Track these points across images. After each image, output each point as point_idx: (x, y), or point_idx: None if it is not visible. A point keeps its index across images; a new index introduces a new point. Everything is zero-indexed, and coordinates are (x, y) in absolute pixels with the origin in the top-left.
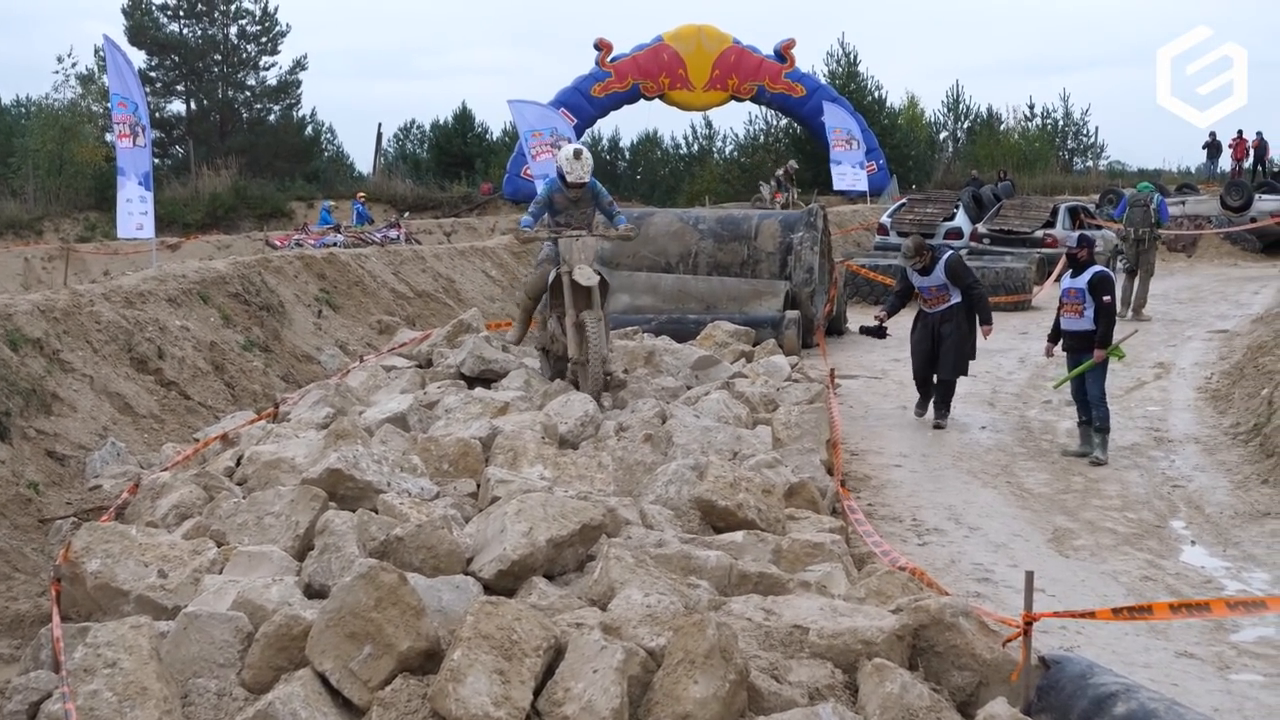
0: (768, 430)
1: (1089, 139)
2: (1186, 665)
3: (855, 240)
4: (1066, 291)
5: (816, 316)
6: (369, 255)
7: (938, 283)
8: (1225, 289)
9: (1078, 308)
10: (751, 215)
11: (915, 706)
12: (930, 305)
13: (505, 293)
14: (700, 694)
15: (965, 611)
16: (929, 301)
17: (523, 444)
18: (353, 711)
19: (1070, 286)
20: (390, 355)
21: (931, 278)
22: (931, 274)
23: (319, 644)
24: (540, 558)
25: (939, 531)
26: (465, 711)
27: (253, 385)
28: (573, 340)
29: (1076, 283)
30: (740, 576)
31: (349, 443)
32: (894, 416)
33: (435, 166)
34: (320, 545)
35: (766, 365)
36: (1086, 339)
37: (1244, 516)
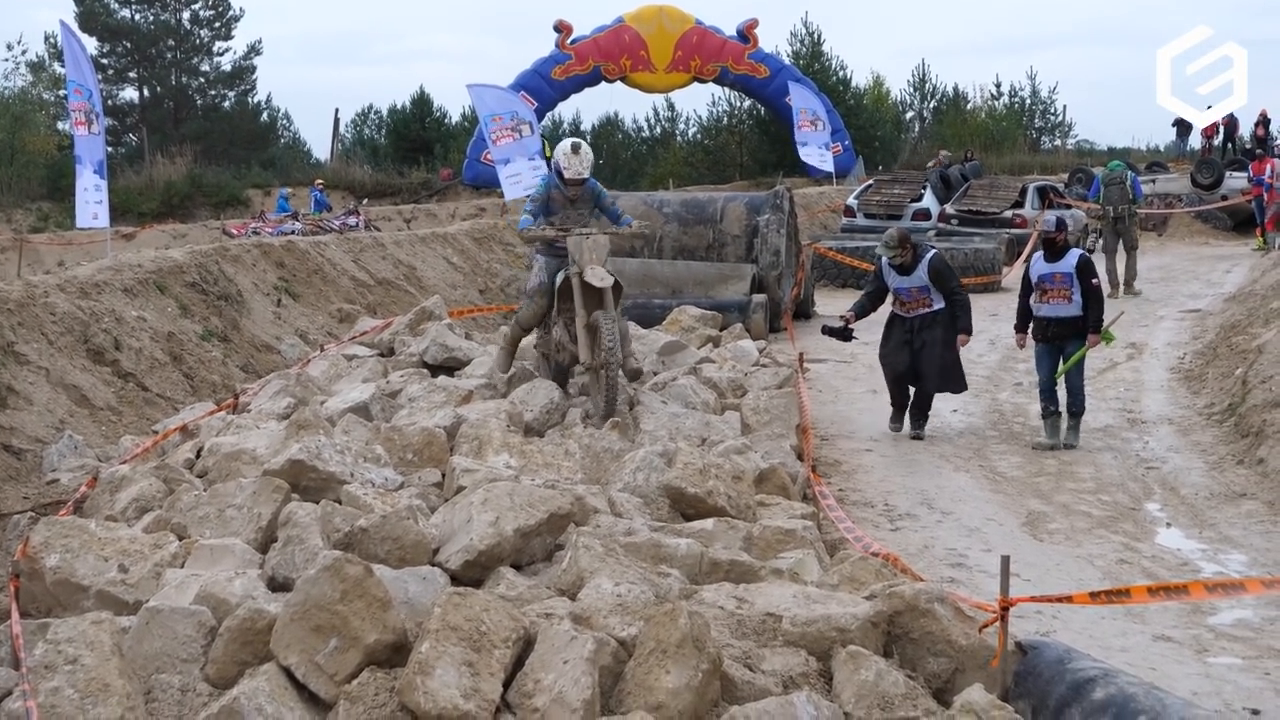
0: (736, 416)
1: (1057, 117)
2: (1164, 649)
3: (822, 223)
4: (1050, 277)
5: (784, 300)
6: (328, 243)
7: (919, 284)
8: (1197, 268)
9: (1065, 293)
10: (716, 198)
11: (891, 694)
12: (908, 309)
13: (467, 279)
14: (673, 684)
15: (940, 597)
16: (907, 305)
17: (488, 432)
18: (319, 706)
19: (1053, 271)
20: (351, 344)
21: (912, 278)
22: (912, 274)
23: (284, 638)
24: (508, 547)
25: (912, 516)
26: (434, 704)
27: (212, 376)
28: (584, 344)
29: (1059, 267)
30: (711, 564)
31: (311, 433)
32: (864, 400)
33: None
34: (283, 537)
35: (734, 350)
36: (1075, 325)
37: (1219, 498)
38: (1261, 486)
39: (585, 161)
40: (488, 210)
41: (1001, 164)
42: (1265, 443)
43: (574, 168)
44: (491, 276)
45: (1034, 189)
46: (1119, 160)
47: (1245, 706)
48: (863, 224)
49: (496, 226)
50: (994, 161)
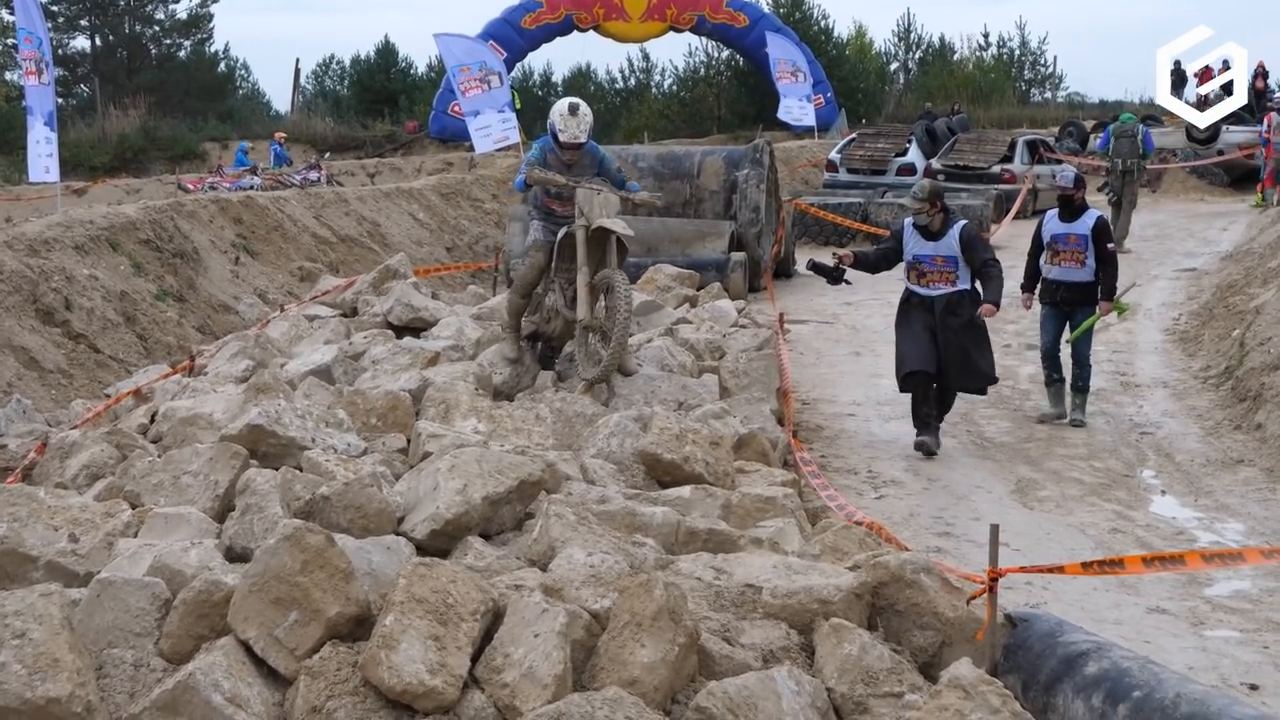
0: (714, 379)
1: (1047, 69)
2: (1159, 621)
3: (803, 178)
4: (1064, 238)
5: (763, 258)
6: (288, 198)
7: (946, 253)
8: (1192, 225)
9: (1079, 256)
10: (694, 152)
11: (875, 668)
12: (928, 284)
13: (434, 236)
14: (648, 658)
15: (926, 568)
16: (927, 278)
17: (455, 396)
18: (279, 681)
19: (1068, 232)
20: (313, 304)
21: (938, 245)
22: (940, 240)
23: (242, 610)
24: (476, 516)
25: (896, 484)
26: (399, 680)
27: (167, 337)
28: (584, 300)
29: (1075, 228)
30: (688, 534)
31: (270, 397)
32: (847, 363)
33: (357, 104)
34: (241, 506)
35: (712, 310)
36: (1086, 291)
37: (1216, 464)
38: (1260, 453)
39: (584, 123)
40: (455, 164)
41: (989, 117)
42: (1263, 407)
43: (570, 130)
44: (459, 233)
45: (1023, 143)
46: (1130, 113)
47: (1243, 681)
48: (845, 179)
49: (464, 181)
50: (982, 115)
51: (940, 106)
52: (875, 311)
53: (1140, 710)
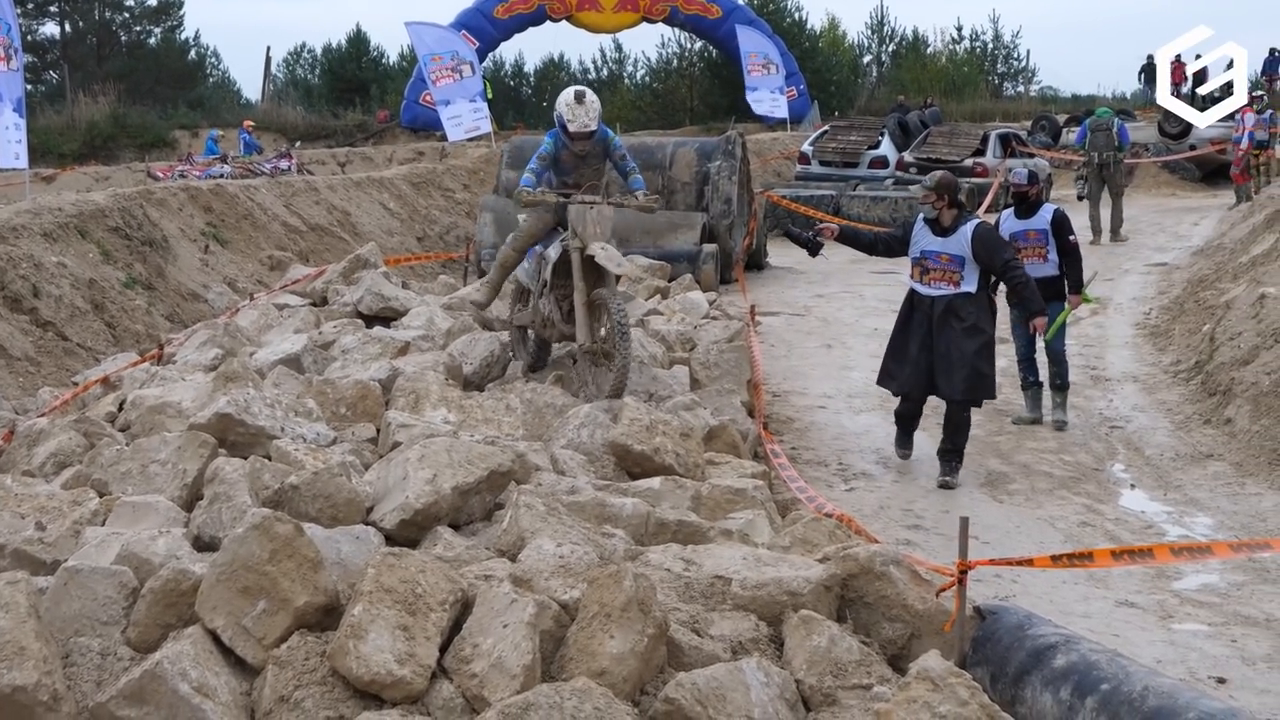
0: (685, 370)
1: (1020, 63)
2: (1128, 615)
3: (775, 170)
4: (1023, 235)
5: (735, 250)
6: (259, 187)
7: (954, 251)
8: (1163, 220)
9: (1040, 252)
10: (666, 143)
11: (844, 660)
12: (929, 281)
13: (404, 226)
14: (617, 649)
15: (896, 560)
16: (930, 275)
17: (425, 386)
18: (247, 671)
19: (1026, 228)
20: (282, 293)
21: (947, 242)
22: (950, 237)
23: (210, 599)
24: (445, 506)
25: (867, 476)
26: (367, 669)
27: (135, 325)
28: (583, 324)
29: (1033, 224)
30: (658, 525)
31: (239, 386)
32: (818, 355)
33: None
34: (210, 495)
35: (683, 302)
36: (1052, 286)
37: (1185, 459)
38: (1229, 447)
39: (592, 111)
40: (426, 154)
41: (962, 111)
42: (1233, 402)
43: (579, 119)
44: (430, 223)
45: (996, 137)
46: (1107, 108)
47: (1211, 675)
48: (818, 171)
49: (435, 171)
50: (954, 108)
51: (913, 100)
52: (847, 304)
53: (1108, 703)
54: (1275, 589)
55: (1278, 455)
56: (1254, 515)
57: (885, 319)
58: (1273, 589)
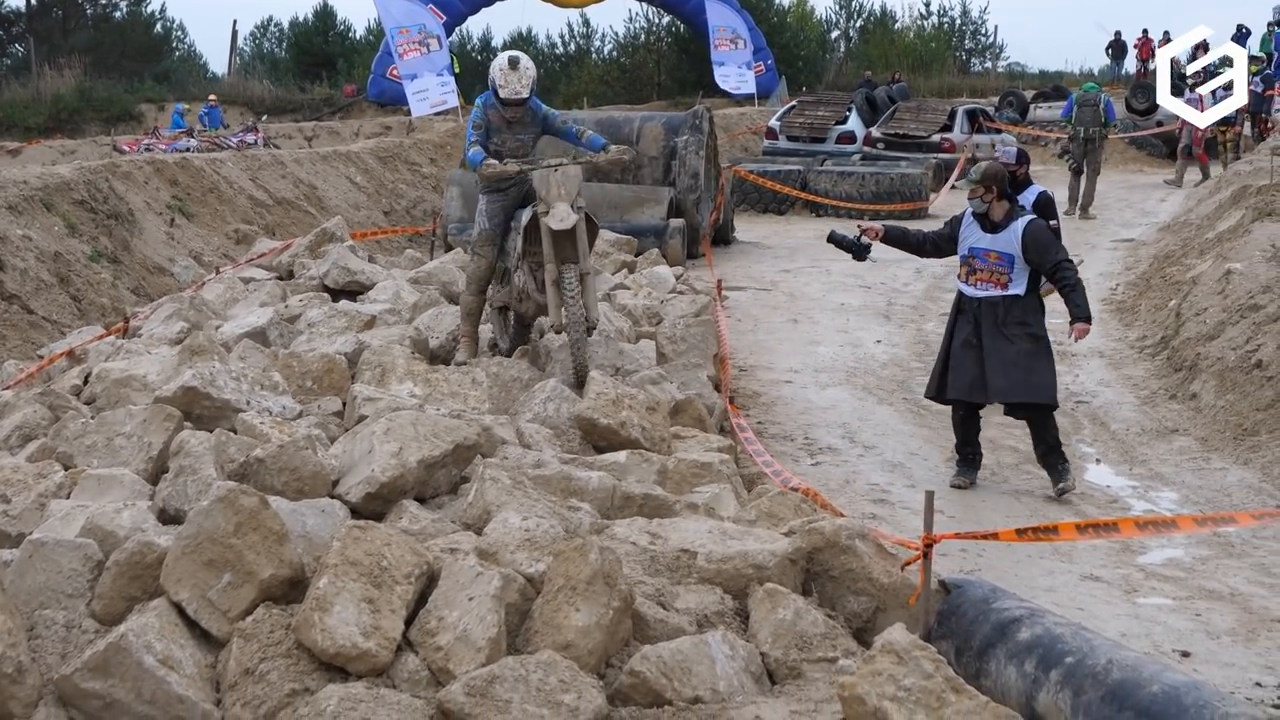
0: (651, 345)
1: (987, 39)
2: (1093, 589)
3: (743, 145)
4: None
5: (702, 225)
6: (225, 160)
7: (1002, 249)
8: (1130, 196)
9: None
10: (633, 118)
11: (809, 633)
12: (975, 282)
13: (371, 200)
14: (582, 622)
15: (861, 534)
16: (976, 275)
17: (391, 359)
18: (211, 643)
19: None
20: (248, 266)
21: (996, 239)
22: (1000, 234)
23: (175, 572)
24: (411, 479)
25: (832, 450)
26: (332, 642)
27: (101, 299)
28: (553, 302)
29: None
30: (624, 498)
31: (205, 359)
32: (784, 330)
33: (295, 67)
34: (175, 467)
35: (649, 276)
36: None
37: (1151, 434)
38: (1194, 422)
39: (525, 77)
40: (393, 128)
41: (929, 86)
42: (1198, 377)
43: (511, 85)
44: (396, 197)
45: (963, 112)
46: (1093, 83)
47: (1175, 649)
48: (785, 146)
49: (402, 145)
50: (922, 84)
51: (880, 75)
52: (813, 279)
53: (1072, 676)
54: (1240, 563)
55: (1243, 430)
56: (1219, 490)
57: (852, 294)
58: (1237, 563)
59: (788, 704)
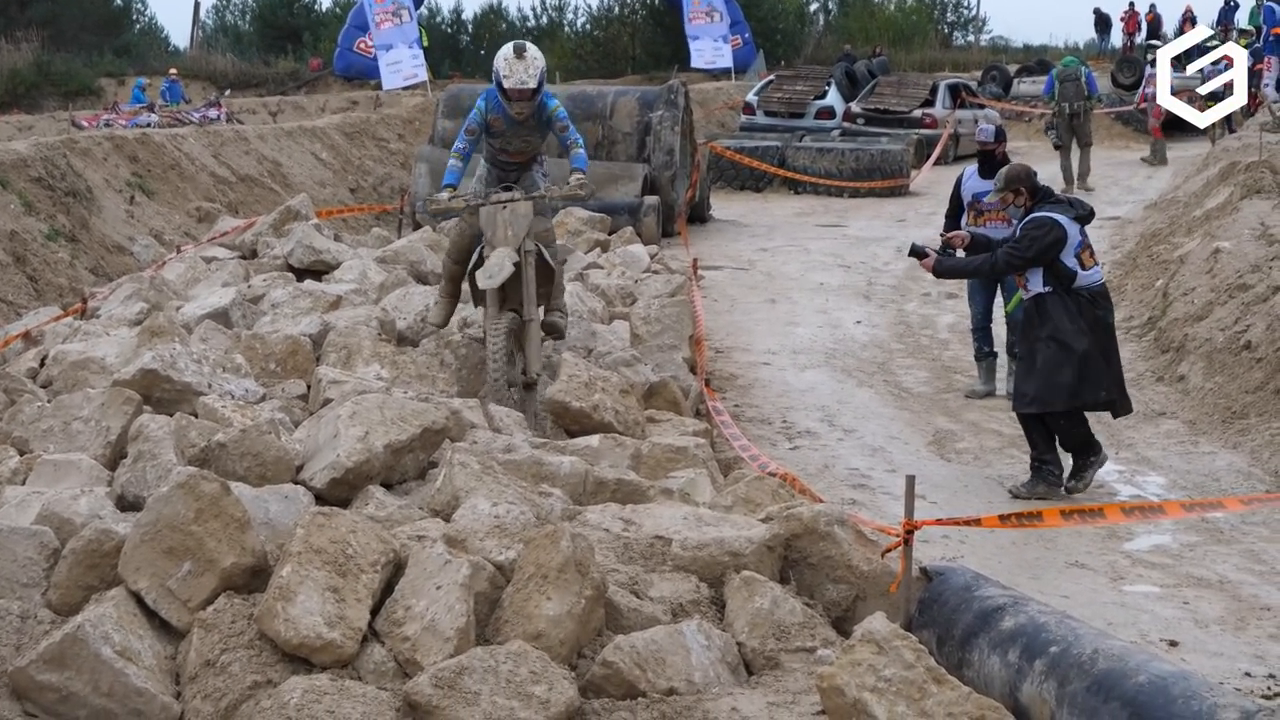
0: (625, 325)
1: (970, 11)
2: (1078, 576)
3: (719, 120)
4: (985, 195)
5: (677, 203)
6: (186, 136)
7: None
8: (1116, 173)
9: (1004, 215)
10: (606, 92)
11: (787, 622)
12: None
13: (337, 177)
14: (554, 611)
15: (840, 520)
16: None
17: (357, 341)
18: (171, 634)
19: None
20: (210, 245)
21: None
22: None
23: (133, 560)
24: (377, 464)
25: (811, 434)
26: (295, 633)
27: (58, 279)
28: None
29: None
30: (597, 484)
31: (165, 341)
32: (761, 310)
33: (259, 40)
34: (134, 453)
35: (623, 255)
36: None
37: (1137, 417)
38: (1182, 405)
39: (533, 68)
40: (360, 103)
41: (911, 60)
42: (1186, 359)
43: (516, 74)
44: (363, 174)
45: (945, 87)
46: (1073, 56)
47: (1162, 638)
48: (763, 122)
49: (369, 121)
50: (903, 58)
51: (861, 49)
52: (792, 258)
53: (1057, 665)
54: (1228, 550)
55: (1232, 413)
56: (1207, 474)
57: (831, 273)
58: (1226, 550)
59: (765, 695)
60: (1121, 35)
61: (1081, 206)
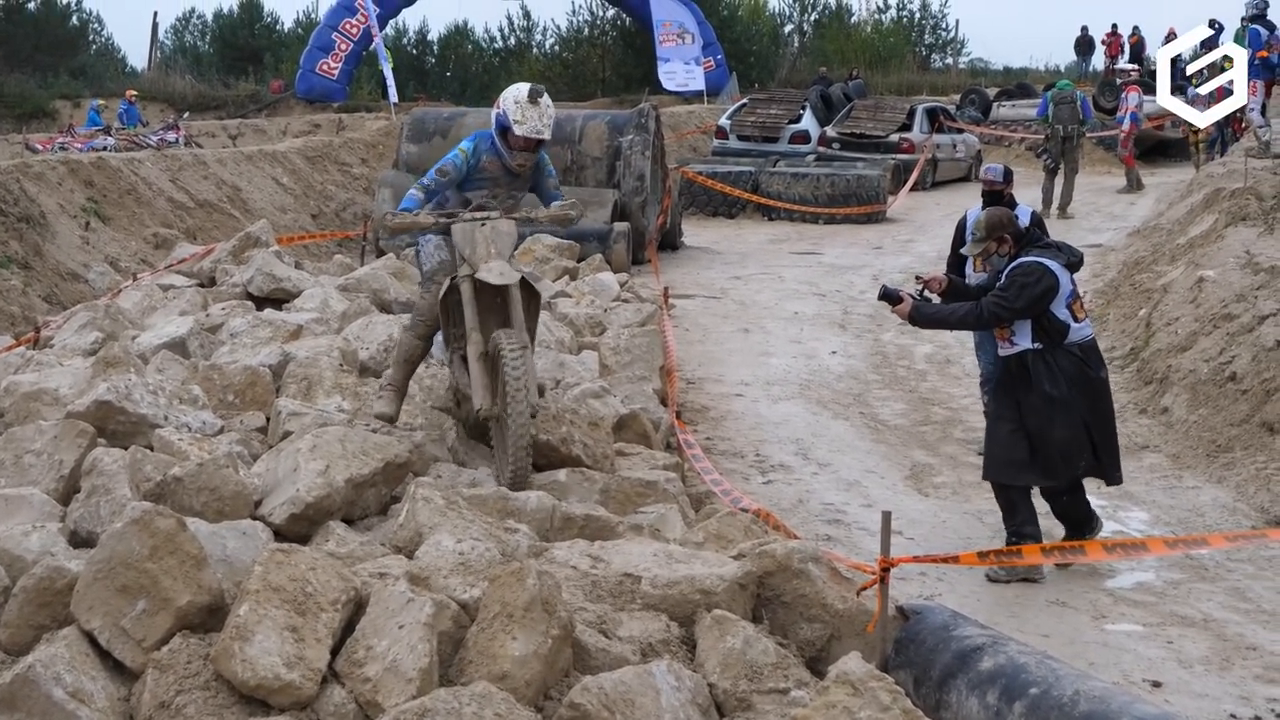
0: (594, 356)
1: (948, 33)
2: (1059, 614)
3: (691, 144)
4: None
5: (648, 229)
6: (143, 160)
7: None
8: (1098, 200)
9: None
10: (576, 116)
11: (760, 663)
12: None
13: (298, 202)
14: (519, 651)
15: (815, 557)
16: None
17: (318, 372)
18: (125, 675)
19: None
20: (168, 273)
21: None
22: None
23: (86, 599)
24: (338, 499)
25: (785, 468)
26: (253, 674)
27: (10, 307)
28: (479, 383)
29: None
30: (564, 520)
31: (120, 371)
32: (734, 340)
33: (219, 61)
34: (88, 487)
35: (593, 283)
36: None
37: (1120, 450)
38: (1165, 438)
39: (547, 115)
40: (322, 126)
41: (888, 83)
42: (1170, 390)
43: (530, 122)
44: (325, 200)
45: (923, 111)
46: (1068, 80)
47: (1146, 678)
48: (736, 146)
49: (331, 144)
50: (880, 81)
51: (836, 71)
52: (766, 286)
53: (1037, 708)
54: (1213, 587)
55: (1217, 447)
56: (1191, 510)
57: (806, 302)
58: (1211, 587)
59: None
60: (1104, 58)
61: (1071, 252)
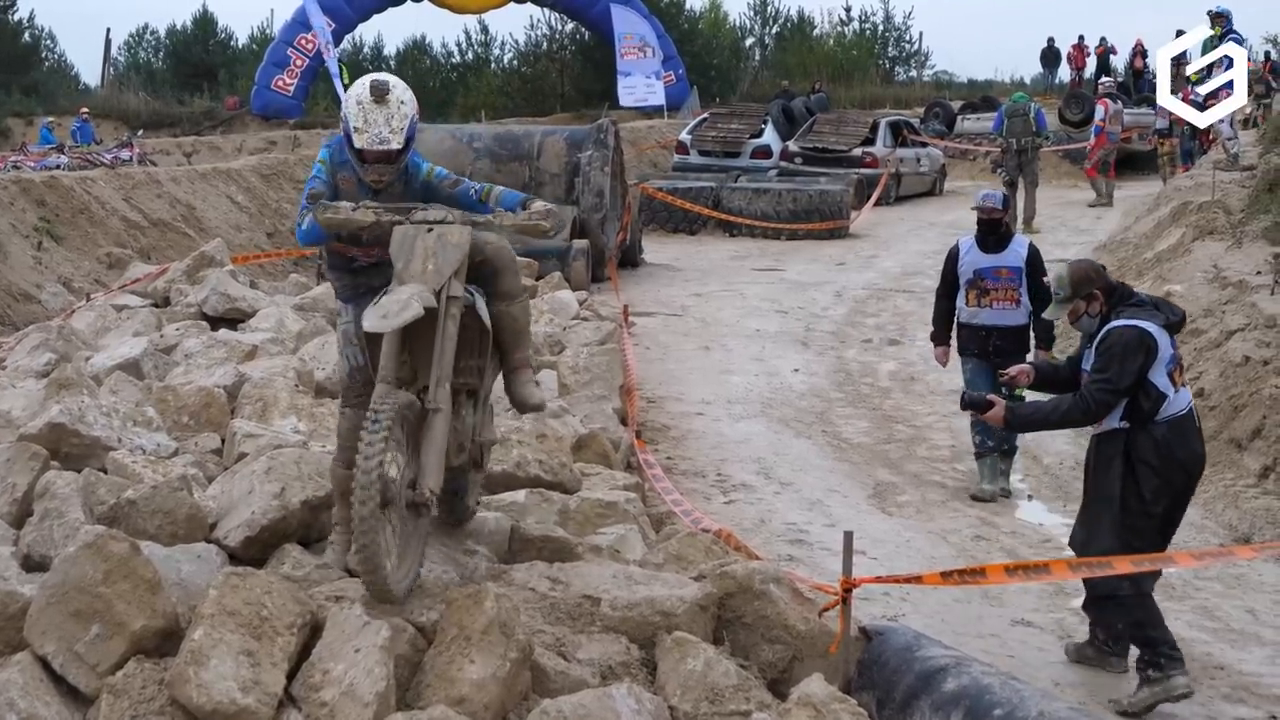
0: (553, 375)
1: (912, 46)
2: (1024, 634)
3: (651, 160)
4: (992, 273)
5: (608, 246)
6: (96, 179)
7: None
8: (1064, 213)
9: (1013, 295)
10: (534, 132)
11: (721, 685)
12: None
13: (254, 221)
14: (477, 675)
15: (776, 578)
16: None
17: (274, 393)
18: (80, 700)
19: (997, 265)
20: (121, 293)
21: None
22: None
23: (39, 624)
24: (294, 522)
25: (747, 488)
26: (208, 699)
27: None
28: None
29: (1005, 260)
30: (523, 541)
31: (73, 393)
32: (695, 359)
33: (173, 78)
34: (40, 511)
35: (551, 301)
36: (1021, 338)
37: None
38: None
39: (397, 117)
40: (278, 143)
41: (851, 97)
42: None
43: (373, 129)
44: (281, 218)
45: (886, 124)
46: (1022, 92)
47: (1111, 699)
48: (697, 162)
49: (287, 162)
50: (843, 94)
51: (799, 85)
52: (727, 304)
53: None
54: (1180, 606)
55: None
56: None
57: (768, 319)
58: (1178, 606)
59: None
60: (1070, 70)
61: (1171, 310)
